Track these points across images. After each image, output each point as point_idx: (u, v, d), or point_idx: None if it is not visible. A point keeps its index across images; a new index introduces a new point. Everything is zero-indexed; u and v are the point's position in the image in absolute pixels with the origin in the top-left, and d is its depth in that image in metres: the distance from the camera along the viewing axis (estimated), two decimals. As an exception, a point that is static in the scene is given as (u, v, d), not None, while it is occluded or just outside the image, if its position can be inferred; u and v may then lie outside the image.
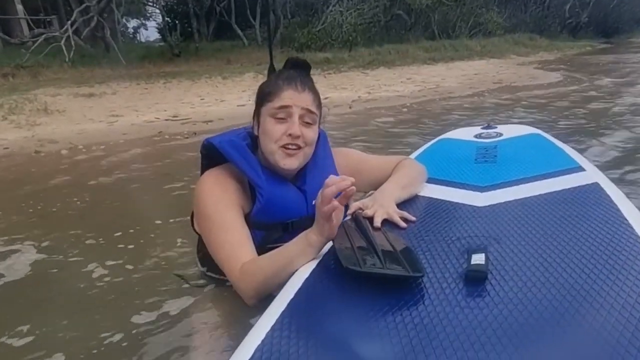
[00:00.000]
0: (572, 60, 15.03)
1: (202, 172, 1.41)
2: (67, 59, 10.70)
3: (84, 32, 12.54)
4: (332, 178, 1.01)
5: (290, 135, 1.26)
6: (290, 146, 1.27)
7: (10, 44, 12.07)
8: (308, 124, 1.29)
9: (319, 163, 1.40)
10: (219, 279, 1.47)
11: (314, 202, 1.06)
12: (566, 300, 0.81)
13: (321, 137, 1.41)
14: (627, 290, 0.81)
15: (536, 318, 0.77)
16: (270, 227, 1.34)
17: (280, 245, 1.15)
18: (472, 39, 19.02)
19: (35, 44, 11.07)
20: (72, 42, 11.21)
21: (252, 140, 1.38)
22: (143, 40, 18.33)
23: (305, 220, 1.27)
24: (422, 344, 0.74)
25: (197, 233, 1.46)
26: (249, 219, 1.31)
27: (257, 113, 1.34)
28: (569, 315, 0.77)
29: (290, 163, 1.29)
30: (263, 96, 1.32)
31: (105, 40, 12.86)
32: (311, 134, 1.30)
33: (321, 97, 1.34)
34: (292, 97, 1.27)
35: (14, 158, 4.28)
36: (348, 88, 8.52)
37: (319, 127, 1.37)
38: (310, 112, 1.29)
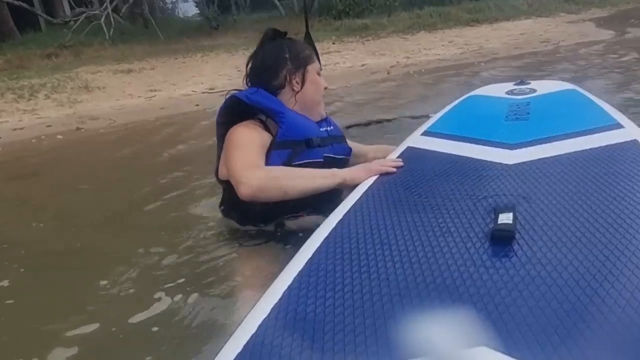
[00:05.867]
0: (627, 16, 14.16)
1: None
2: (107, 37, 10.88)
3: (122, 10, 12.70)
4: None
5: (325, 88, 1.64)
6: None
7: (53, 24, 12.37)
8: None
9: None
10: (240, 229, 1.58)
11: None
12: (599, 261, 0.75)
13: None
14: None
15: (566, 279, 0.72)
16: (294, 144, 1.49)
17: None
18: (518, -2, 18.18)
19: (77, 23, 11.29)
20: (112, 20, 11.37)
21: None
22: (181, 15, 18.38)
23: (325, 140, 1.56)
24: (444, 305, 0.71)
25: (220, 182, 1.59)
26: (273, 145, 1.46)
27: (298, 71, 1.57)
28: (601, 276, 0.71)
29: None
30: (306, 58, 1.60)
31: (143, 16, 13.00)
32: None
33: (359, 63, 1.49)
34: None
35: (54, 136, 4.39)
36: (387, 54, 8.33)
37: None
38: None
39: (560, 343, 0.61)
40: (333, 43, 9.98)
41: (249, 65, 1.62)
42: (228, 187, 1.47)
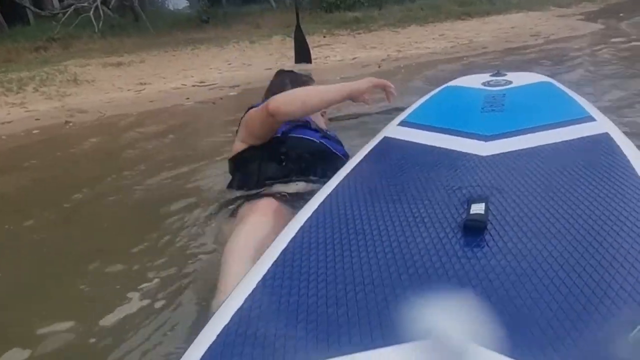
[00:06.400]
0: (617, 9, 14.21)
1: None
2: (96, 30, 10.78)
3: (112, 2, 12.58)
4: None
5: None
6: None
7: (41, 17, 12.21)
8: None
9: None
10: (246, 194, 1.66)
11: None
12: (567, 251, 0.76)
13: None
14: (631, 242, 0.77)
15: (535, 269, 0.73)
16: (296, 121, 1.73)
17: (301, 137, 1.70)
18: (509, -9, 18.18)
19: (65, 16, 11.18)
20: (101, 13, 11.26)
21: None
22: (171, 8, 18.19)
23: (323, 132, 1.81)
24: (416, 295, 0.72)
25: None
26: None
27: None
28: (569, 266, 0.73)
29: None
30: (304, 82, 1.90)
31: (133, 9, 12.87)
32: None
33: (350, 57, 1.56)
34: None
35: (43, 129, 4.36)
36: (377, 47, 8.31)
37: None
38: None
39: (529, 331, 0.62)
40: (324, 36, 9.94)
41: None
42: (240, 157, 1.73)
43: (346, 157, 1.76)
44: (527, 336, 0.62)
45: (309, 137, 1.74)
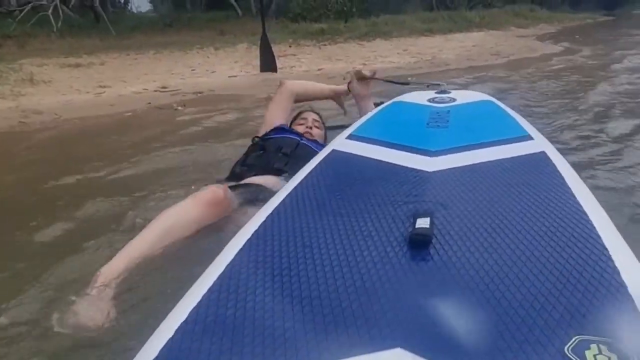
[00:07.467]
0: (572, 32, 14.83)
1: None
2: (54, 29, 10.50)
3: (72, 2, 12.29)
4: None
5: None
6: None
7: (-3, 13, 11.83)
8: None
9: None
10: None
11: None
12: (507, 265, 0.79)
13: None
14: (566, 257, 0.81)
15: (477, 283, 0.76)
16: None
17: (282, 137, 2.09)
18: (471, 11, 18.73)
19: (22, 13, 10.85)
20: (60, 12, 10.99)
21: None
22: (134, 10, 17.90)
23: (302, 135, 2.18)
24: (362, 308, 0.72)
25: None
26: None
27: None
28: (508, 279, 0.76)
29: None
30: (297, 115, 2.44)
31: (94, 9, 12.61)
32: None
33: (315, 68, 1.61)
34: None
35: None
36: (343, 59, 8.40)
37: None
38: None
39: (472, 344, 0.64)
40: (290, 46, 10.00)
41: None
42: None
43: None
44: (469, 348, 0.63)
45: (289, 137, 2.08)
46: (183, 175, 2.54)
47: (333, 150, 1.46)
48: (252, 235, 0.97)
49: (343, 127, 2.97)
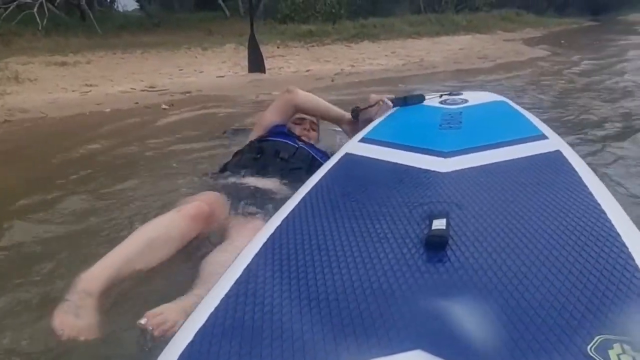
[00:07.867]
0: (558, 36, 15.01)
1: None
2: (40, 27, 10.34)
3: (57, 0, 12.13)
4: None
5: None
6: None
7: (-19, 12, 11.63)
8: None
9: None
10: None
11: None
12: (525, 265, 0.79)
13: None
14: (585, 256, 0.80)
15: (495, 283, 0.75)
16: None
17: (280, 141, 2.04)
18: (458, 14, 18.86)
19: (7, 11, 10.67)
20: (46, 10, 10.83)
21: None
22: (121, 9, 17.71)
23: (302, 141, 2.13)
24: (381, 310, 0.72)
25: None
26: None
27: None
28: (528, 279, 0.75)
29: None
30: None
31: (80, 8, 12.45)
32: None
33: (303, 69, 1.60)
34: None
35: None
36: (331, 61, 8.39)
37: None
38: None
39: (492, 345, 0.63)
40: (278, 47, 9.96)
41: None
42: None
43: (322, 158, 1.95)
44: (490, 350, 0.62)
45: (286, 141, 2.04)
46: (171, 175, 2.51)
47: (346, 154, 1.47)
48: (269, 239, 0.96)
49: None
